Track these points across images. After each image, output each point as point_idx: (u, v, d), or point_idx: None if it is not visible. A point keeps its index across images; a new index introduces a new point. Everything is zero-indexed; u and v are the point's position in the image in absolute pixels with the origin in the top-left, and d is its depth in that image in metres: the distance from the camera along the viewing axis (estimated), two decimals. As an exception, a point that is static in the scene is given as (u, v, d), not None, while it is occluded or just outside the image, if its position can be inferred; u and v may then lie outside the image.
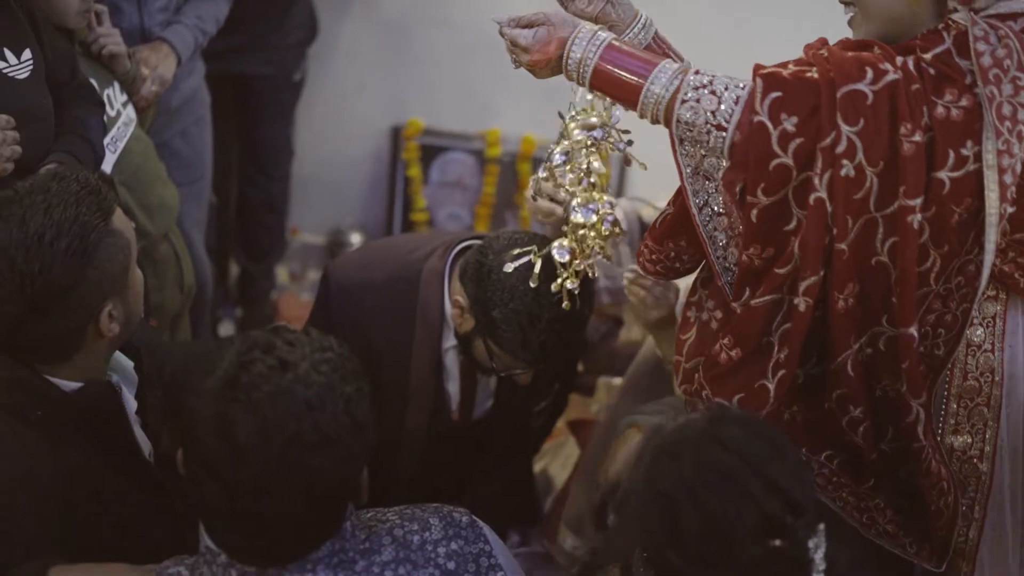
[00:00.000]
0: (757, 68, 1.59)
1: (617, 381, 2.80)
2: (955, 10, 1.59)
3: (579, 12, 1.80)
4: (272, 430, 1.31)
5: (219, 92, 3.18)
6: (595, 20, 1.80)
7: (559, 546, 2.56)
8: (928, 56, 1.56)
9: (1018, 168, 1.55)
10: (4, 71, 2.01)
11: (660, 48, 1.83)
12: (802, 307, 1.60)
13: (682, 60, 1.84)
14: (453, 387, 2.27)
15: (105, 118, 2.30)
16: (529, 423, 2.44)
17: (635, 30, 1.80)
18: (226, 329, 3.80)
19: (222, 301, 3.83)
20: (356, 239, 3.98)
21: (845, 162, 1.53)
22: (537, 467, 2.92)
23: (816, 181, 1.55)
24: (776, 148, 1.54)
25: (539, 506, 2.79)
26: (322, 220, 4.06)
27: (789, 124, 1.54)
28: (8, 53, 2.02)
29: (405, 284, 2.17)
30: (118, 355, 1.75)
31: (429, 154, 3.87)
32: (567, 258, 1.89)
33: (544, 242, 2.03)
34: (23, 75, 2.03)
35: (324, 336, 1.43)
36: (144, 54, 2.53)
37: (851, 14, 1.69)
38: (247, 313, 3.88)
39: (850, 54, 1.58)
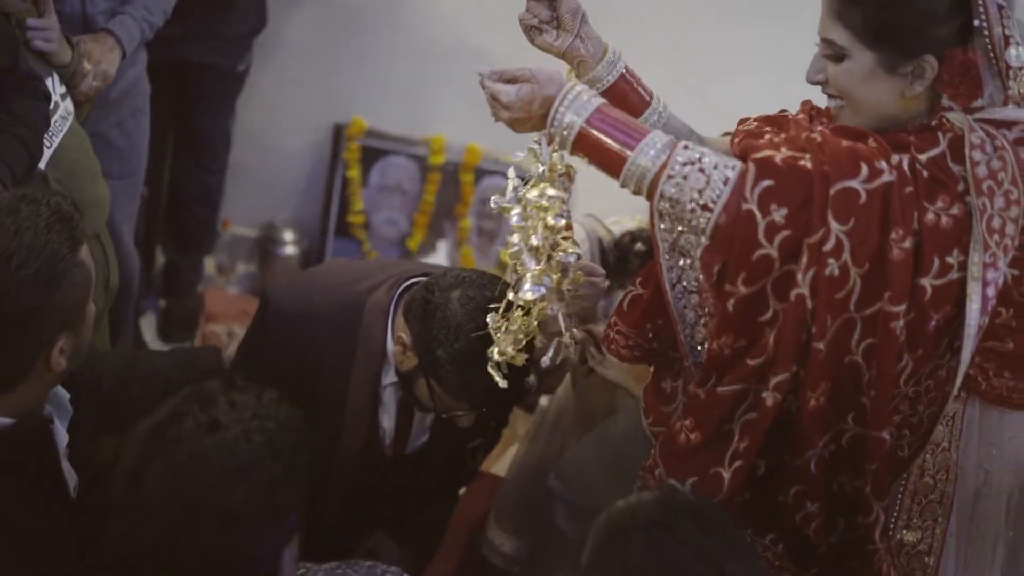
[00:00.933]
0: (750, 150, 1.55)
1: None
2: (949, 108, 1.58)
3: (546, 47, 1.77)
4: (176, 493, 1.26)
5: (159, 79, 3.06)
6: (563, 56, 1.77)
7: (490, 543, 2.53)
8: (923, 158, 1.54)
9: (1001, 281, 1.54)
10: None
11: (630, 83, 1.79)
12: (770, 402, 1.57)
13: (651, 97, 1.81)
14: (388, 422, 2.21)
15: None
16: (463, 459, 2.41)
17: (603, 65, 1.77)
18: (148, 322, 3.69)
19: (145, 292, 3.70)
20: (289, 236, 3.88)
21: (831, 261, 1.50)
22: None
23: (799, 277, 1.52)
24: (762, 239, 1.50)
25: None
26: (255, 213, 3.95)
27: (778, 215, 1.50)
28: None
29: (347, 316, 2.10)
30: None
31: (370, 156, 3.79)
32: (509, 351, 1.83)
33: (493, 284, 2.00)
34: None
35: (276, 403, 1.37)
36: (88, 46, 2.41)
37: (838, 104, 1.65)
38: (171, 305, 3.76)
39: (845, 144, 1.55)
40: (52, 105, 2.26)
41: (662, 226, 1.61)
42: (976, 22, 1.53)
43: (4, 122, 2.02)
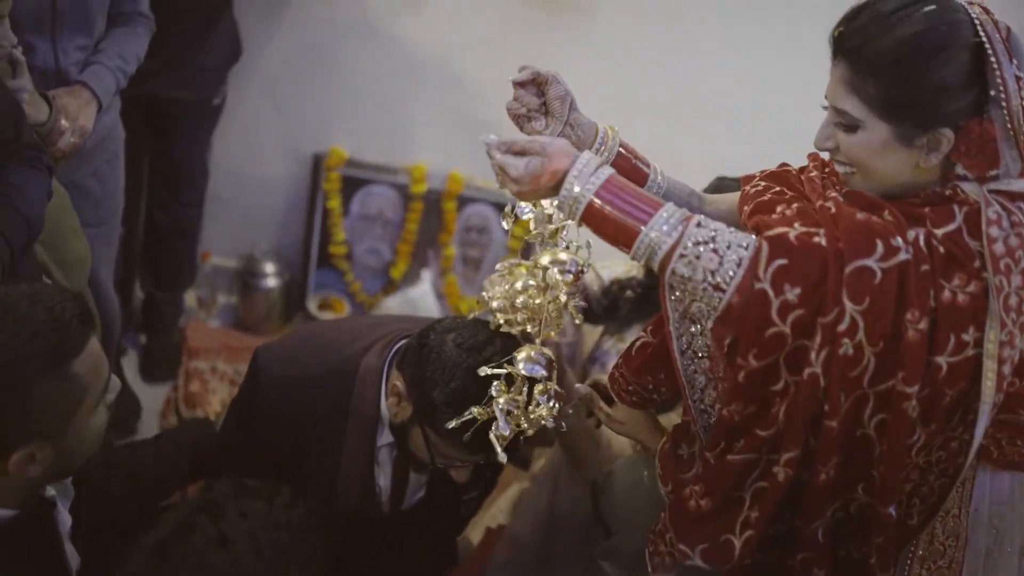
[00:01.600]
0: (763, 226, 1.52)
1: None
2: (964, 176, 1.55)
3: (538, 135, 1.71)
4: None
5: (132, 113, 2.99)
6: None
7: None
8: (939, 233, 1.51)
9: (1016, 359, 1.52)
10: None
11: (627, 160, 1.76)
12: (781, 476, 1.55)
13: (649, 167, 1.78)
14: (384, 481, 2.17)
15: None
16: (459, 510, 2.38)
17: (595, 149, 1.73)
18: (130, 361, 3.61)
19: (125, 328, 3.64)
20: (270, 267, 3.82)
21: (845, 340, 1.47)
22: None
23: (812, 356, 1.49)
24: (775, 317, 1.47)
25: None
26: (235, 244, 3.88)
27: (791, 294, 1.47)
28: None
29: (340, 380, 2.06)
30: None
31: (351, 186, 3.73)
32: (507, 431, 1.79)
33: (487, 328, 1.97)
34: None
35: (289, 507, 1.34)
36: (64, 101, 2.33)
37: (848, 171, 1.60)
38: (152, 341, 3.70)
39: (859, 217, 1.51)
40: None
41: (673, 296, 1.59)
42: (992, 92, 1.49)
43: (3, 194, 1.95)
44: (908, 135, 1.53)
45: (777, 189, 1.68)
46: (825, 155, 1.69)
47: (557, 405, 1.79)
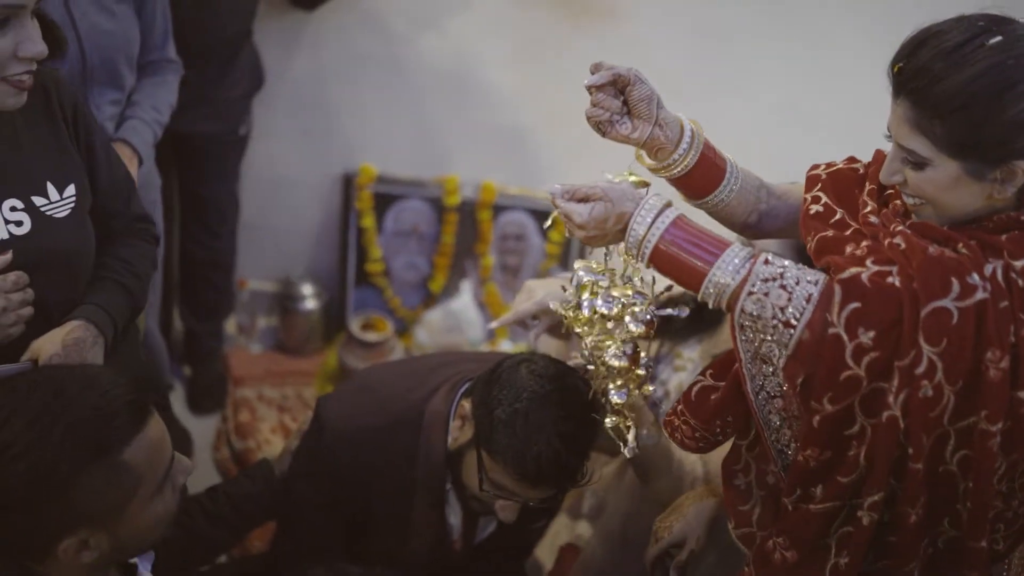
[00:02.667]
0: (833, 267, 1.48)
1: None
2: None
3: (622, 139, 1.68)
4: None
5: (160, 150, 2.96)
6: (644, 145, 1.70)
7: None
8: (1018, 265, 1.46)
9: None
10: (43, 209, 1.77)
11: (709, 156, 1.72)
12: (866, 521, 1.52)
13: (725, 162, 1.74)
14: (455, 519, 2.17)
15: None
16: (528, 539, 2.37)
17: (683, 147, 1.69)
18: (177, 395, 3.61)
19: (168, 362, 3.63)
20: (308, 289, 3.80)
21: (924, 383, 1.44)
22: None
23: (891, 399, 1.45)
24: (850, 361, 1.44)
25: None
26: (271, 268, 3.87)
27: (866, 338, 1.43)
28: (51, 188, 1.79)
29: (407, 428, 2.06)
30: None
31: (383, 203, 3.70)
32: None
33: (560, 364, 1.97)
34: (63, 213, 1.80)
35: None
36: None
37: (918, 203, 1.56)
38: (197, 373, 3.69)
39: (932, 253, 1.46)
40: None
41: (743, 337, 1.55)
42: None
43: (110, 267, 1.92)
44: (980, 171, 1.47)
45: (838, 217, 1.63)
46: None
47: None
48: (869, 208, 1.62)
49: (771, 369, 1.58)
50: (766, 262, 1.49)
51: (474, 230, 3.73)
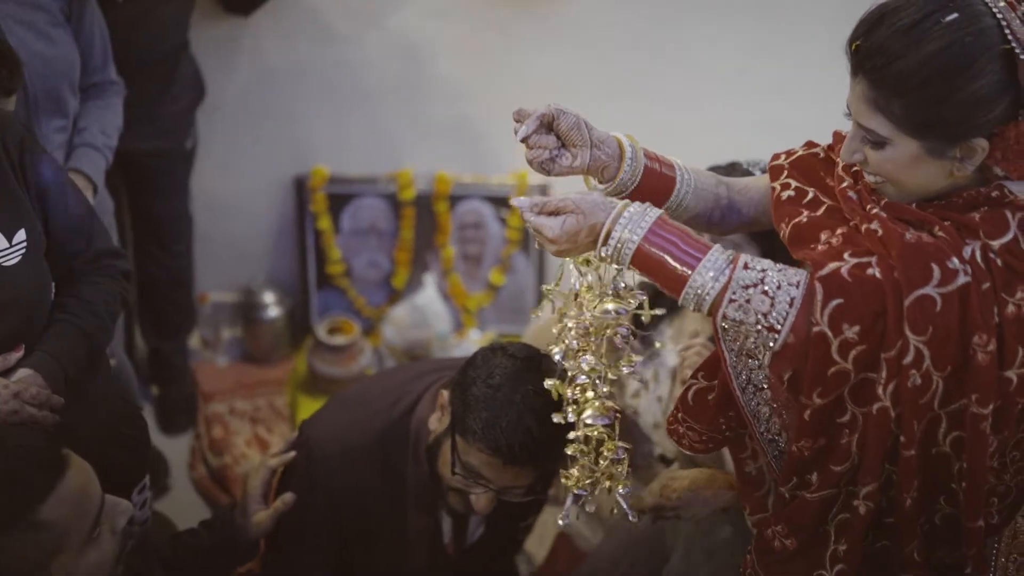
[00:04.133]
0: (816, 266, 1.47)
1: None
2: (1006, 177, 1.49)
3: (568, 172, 1.66)
4: None
5: (108, 172, 2.91)
6: (588, 170, 1.67)
7: None
8: (995, 245, 1.46)
9: None
10: None
11: (655, 168, 1.69)
12: (862, 510, 1.53)
13: (675, 169, 1.71)
14: (446, 524, 2.17)
15: None
16: (517, 536, 2.38)
17: (628, 161, 1.66)
18: (147, 416, 3.52)
19: (136, 384, 3.58)
20: (270, 297, 3.75)
21: (912, 372, 1.44)
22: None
23: (880, 390, 1.46)
24: (836, 356, 1.44)
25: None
26: (231, 278, 3.81)
27: (851, 332, 1.43)
28: None
29: (395, 443, 2.04)
30: None
31: (338, 203, 3.66)
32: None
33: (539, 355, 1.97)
34: (13, 260, 1.76)
35: None
36: None
37: (878, 180, 1.55)
38: (165, 392, 3.64)
39: (910, 239, 1.46)
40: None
41: (727, 338, 1.55)
42: None
43: (68, 309, 1.86)
44: (939, 149, 1.46)
45: (811, 196, 1.62)
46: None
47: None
48: (846, 183, 1.61)
49: (756, 364, 1.58)
50: (745, 266, 1.48)
51: (432, 222, 3.71)
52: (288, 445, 2.11)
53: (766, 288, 1.46)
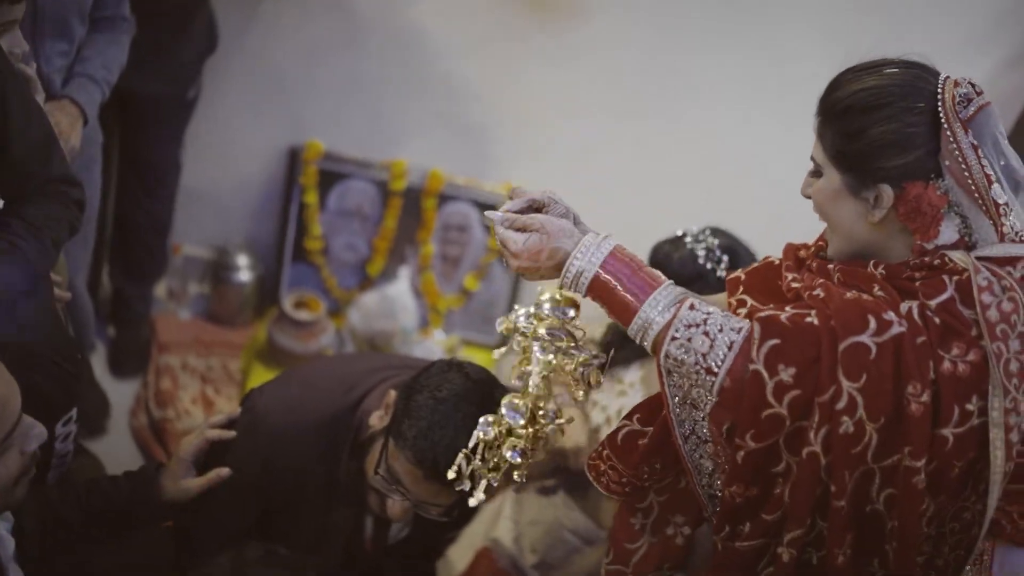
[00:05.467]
0: (754, 310, 1.51)
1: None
2: (932, 248, 1.55)
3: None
4: None
5: (104, 108, 2.89)
6: None
7: None
8: (933, 304, 1.50)
9: (1023, 425, 1.51)
10: None
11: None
12: (786, 558, 1.54)
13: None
14: (369, 520, 2.17)
15: None
16: (440, 544, 2.37)
17: None
18: (98, 356, 3.52)
19: (93, 321, 3.54)
20: (243, 261, 3.73)
21: (845, 419, 1.46)
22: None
23: (811, 435, 1.48)
24: (771, 398, 1.47)
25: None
26: (207, 235, 3.79)
27: (786, 375, 1.46)
28: None
29: (340, 428, 2.04)
30: None
31: (328, 180, 3.64)
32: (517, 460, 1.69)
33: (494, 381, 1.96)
34: None
35: None
36: (56, 118, 2.23)
37: (825, 223, 1.64)
38: (121, 335, 3.61)
39: (850, 296, 1.51)
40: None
41: (671, 382, 1.56)
42: (947, 162, 1.50)
43: (10, 228, 1.83)
44: (854, 186, 1.56)
45: (760, 295, 1.67)
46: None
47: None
48: (791, 278, 1.65)
49: (701, 415, 1.59)
50: (691, 307, 1.52)
51: (417, 217, 3.70)
52: (230, 420, 2.08)
53: (707, 329, 1.49)
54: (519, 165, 3.64)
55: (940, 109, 1.50)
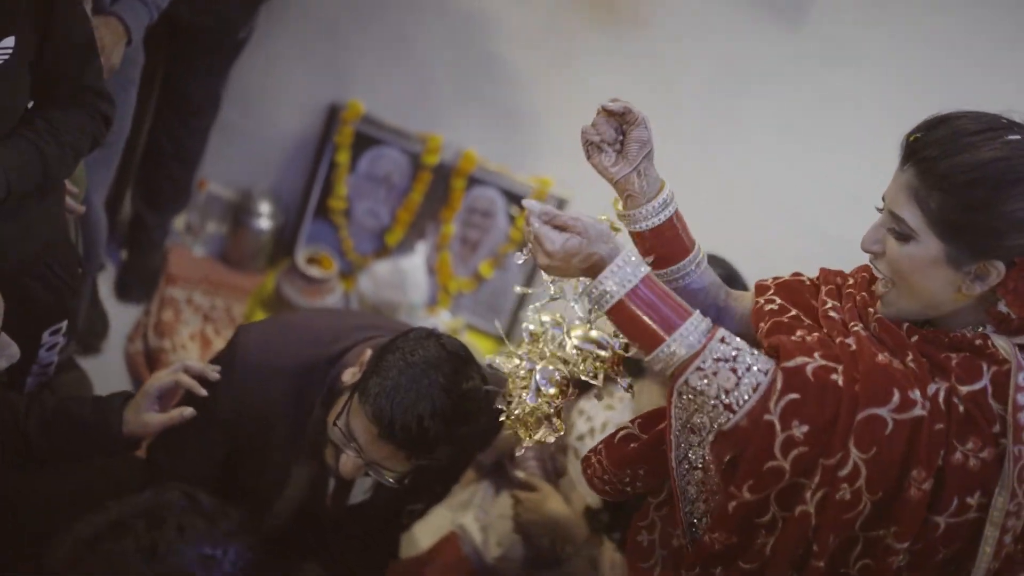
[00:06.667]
0: (781, 351, 1.46)
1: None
2: (1005, 317, 1.48)
3: (601, 170, 1.64)
4: None
5: (153, 34, 2.88)
6: (616, 185, 1.65)
7: None
8: (963, 391, 1.45)
9: (1019, 529, 1.47)
10: None
11: (675, 228, 1.67)
12: None
13: (693, 245, 1.69)
14: (332, 479, 2.15)
15: None
16: (400, 518, 2.36)
17: (655, 204, 1.64)
18: (107, 277, 3.53)
19: (108, 242, 3.54)
20: (265, 208, 3.72)
21: (844, 486, 1.43)
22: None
23: (807, 494, 1.45)
24: (777, 452, 1.43)
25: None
26: (234, 176, 3.78)
27: (799, 431, 1.42)
28: None
29: (315, 381, 2.03)
30: None
31: (363, 143, 3.62)
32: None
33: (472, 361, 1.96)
34: None
35: (230, 535, 1.31)
36: (100, 33, 2.21)
37: (885, 290, 1.54)
38: (132, 259, 3.61)
39: (881, 360, 1.46)
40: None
41: (679, 403, 1.52)
42: None
43: (33, 127, 1.81)
44: (959, 259, 1.46)
45: (793, 313, 1.61)
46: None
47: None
48: (829, 305, 1.60)
49: (698, 440, 1.56)
50: (722, 340, 1.47)
51: (444, 195, 3.68)
52: (202, 374, 2.04)
53: (735, 367, 1.45)
54: (554, 162, 3.61)
55: None
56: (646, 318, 1.47)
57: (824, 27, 3.39)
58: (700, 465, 1.56)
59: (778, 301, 1.63)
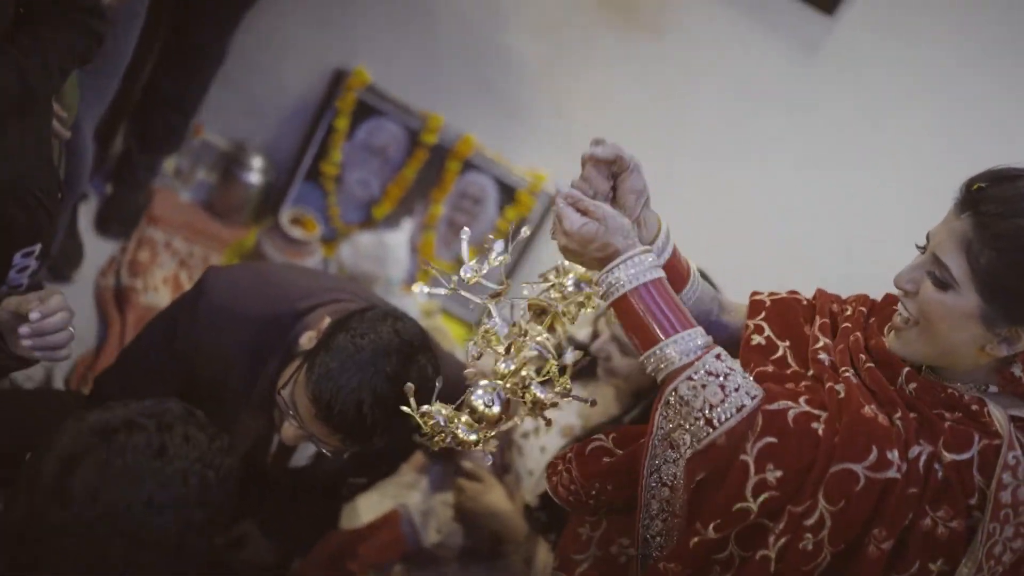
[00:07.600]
0: (770, 396, 1.46)
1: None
2: (1016, 380, 1.48)
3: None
4: (95, 497, 1.28)
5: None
6: None
7: None
8: (948, 458, 1.44)
9: None
10: None
11: (673, 265, 1.64)
12: None
13: (689, 274, 1.68)
14: (276, 436, 2.11)
15: None
16: (341, 489, 2.34)
17: (656, 248, 1.60)
18: (88, 209, 3.49)
19: (93, 174, 3.50)
20: (258, 163, 3.70)
21: (808, 536, 1.43)
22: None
23: (770, 539, 1.45)
24: (748, 493, 1.43)
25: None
26: (231, 126, 3.75)
27: (772, 476, 1.43)
28: None
29: (277, 330, 2.00)
30: None
31: (363, 112, 3.60)
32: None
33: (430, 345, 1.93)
34: None
35: (223, 452, 1.37)
36: None
37: (904, 326, 1.51)
38: (117, 194, 3.57)
39: (866, 413, 1.44)
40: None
41: (664, 414, 1.52)
42: None
43: (17, 41, 1.78)
44: (994, 319, 1.44)
45: (780, 353, 1.60)
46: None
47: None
48: (820, 344, 1.59)
49: (674, 457, 1.54)
50: (718, 357, 1.48)
51: (437, 176, 3.67)
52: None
53: (725, 384, 1.46)
54: (551, 157, 3.60)
55: None
56: (648, 316, 1.49)
57: (842, 51, 3.38)
58: (670, 483, 1.55)
59: (766, 332, 1.62)
